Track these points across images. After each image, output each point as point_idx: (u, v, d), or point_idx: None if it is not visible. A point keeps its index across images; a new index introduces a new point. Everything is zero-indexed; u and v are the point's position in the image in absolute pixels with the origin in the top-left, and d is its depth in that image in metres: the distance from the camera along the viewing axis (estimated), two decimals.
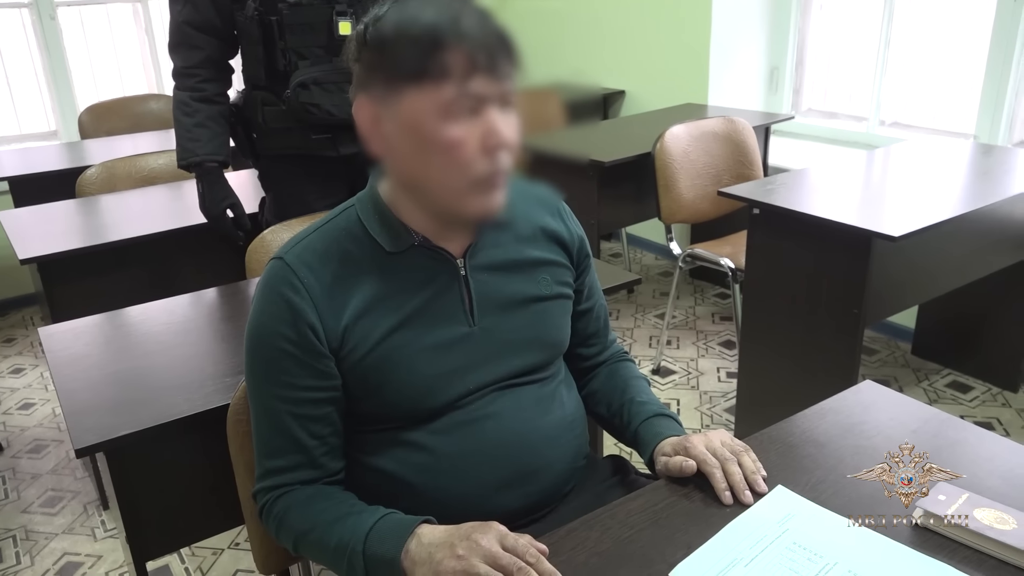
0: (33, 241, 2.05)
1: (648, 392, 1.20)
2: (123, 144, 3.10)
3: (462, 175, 0.92)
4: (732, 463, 0.99)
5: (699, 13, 3.40)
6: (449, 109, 0.89)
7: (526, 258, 1.08)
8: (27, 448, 2.61)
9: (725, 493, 0.97)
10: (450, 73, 0.88)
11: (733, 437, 1.04)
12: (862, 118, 3.34)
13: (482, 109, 0.91)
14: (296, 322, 0.97)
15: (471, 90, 0.89)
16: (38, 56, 3.81)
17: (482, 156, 0.92)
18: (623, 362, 1.25)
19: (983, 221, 2.17)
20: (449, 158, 0.91)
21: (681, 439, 1.05)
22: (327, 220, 1.03)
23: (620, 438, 1.19)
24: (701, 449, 1.01)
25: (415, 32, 0.89)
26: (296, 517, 1.00)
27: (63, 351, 1.44)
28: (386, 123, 0.94)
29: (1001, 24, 2.78)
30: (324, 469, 1.02)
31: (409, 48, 0.89)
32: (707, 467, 0.99)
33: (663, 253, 3.93)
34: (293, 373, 0.98)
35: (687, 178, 2.69)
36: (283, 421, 0.99)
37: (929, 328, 2.88)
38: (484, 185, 0.94)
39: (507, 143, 0.92)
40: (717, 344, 3.09)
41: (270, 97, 1.94)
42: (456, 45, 0.88)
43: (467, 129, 0.91)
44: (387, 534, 0.93)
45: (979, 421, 2.52)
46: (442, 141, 0.90)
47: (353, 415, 1.03)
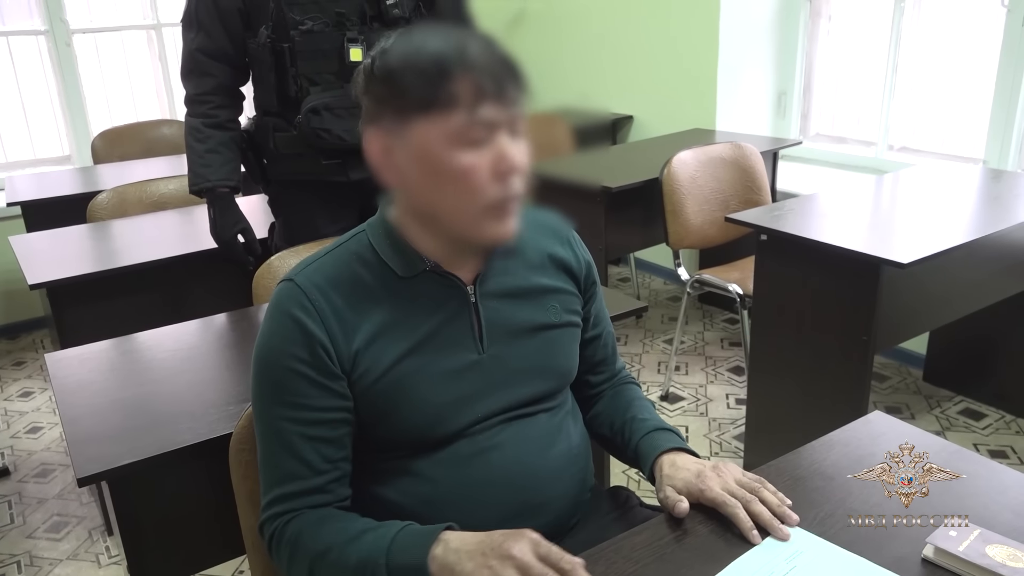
0: (43, 266, 2.07)
1: (651, 411, 1.18)
2: (135, 169, 3.13)
3: (475, 202, 0.93)
4: (755, 503, 0.96)
5: (707, 39, 3.42)
6: (459, 137, 0.90)
7: (535, 286, 1.08)
8: (34, 472, 2.61)
9: (752, 532, 0.93)
10: (458, 101, 0.89)
11: (743, 470, 1.02)
12: (870, 143, 3.34)
13: (492, 136, 0.92)
14: (309, 342, 0.96)
15: (480, 117, 0.90)
16: (53, 82, 3.87)
17: (494, 182, 0.92)
18: (627, 384, 1.24)
19: (994, 247, 2.15)
20: (461, 186, 0.92)
21: (694, 480, 1.01)
22: (338, 244, 1.03)
23: (623, 457, 1.18)
24: (718, 491, 0.98)
25: (421, 63, 0.90)
26: (310, 539, 0.96)
27: (69, 377, 1.44)
28: (398, 154, 0.94)
29: (1009, 48, 2.77)
30: (334, 495, 1.00)
31: (416, 79, 0.90)
32: (728, 509, 0.96)
33: (671, 278, 3.92)
34: (306, 394, 0.97)
35: (695, 203, 2.68)
36: (294, 444, 0.98)
37: (941, 354, 2.85)
38: (497, 211, 0.94)
39: (518, 168, 0.93)
40: (726, 370, 3.07)
41: (281, 123, 1.95)
42: (463, 73, 0.89)
43: (478, 156, 0.91)
44: (410, 543, 0.91)
45: (992, 449, 2.49)
46: (454, 169, 0.91)
47: (359, 442, 1.02)
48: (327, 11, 1.88)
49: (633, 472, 2.44)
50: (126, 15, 4.07)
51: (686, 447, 1.10)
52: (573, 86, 4.07)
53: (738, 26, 3.40)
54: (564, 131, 3.53)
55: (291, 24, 1.86)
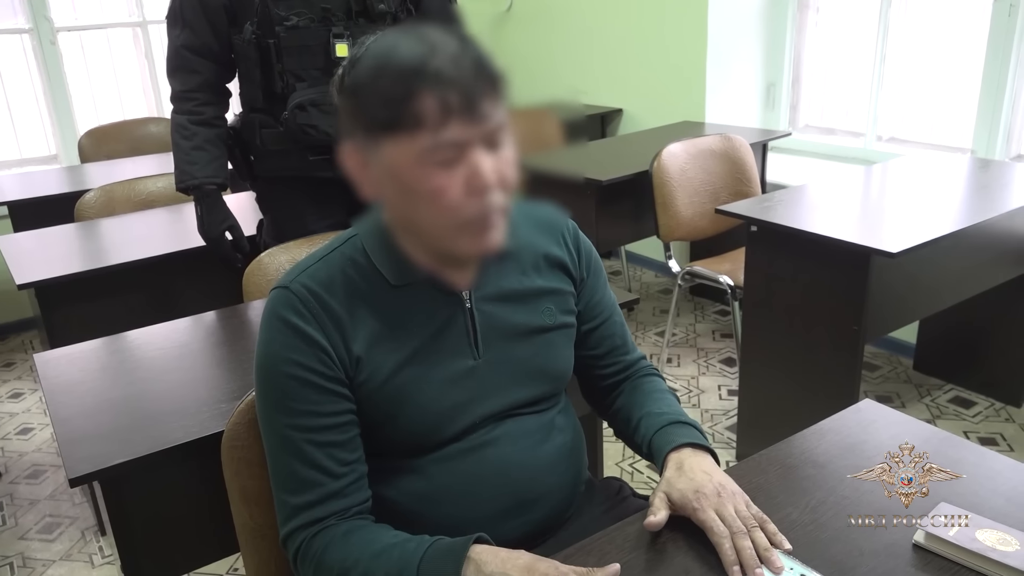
0: (31, 266, 2.05)
1: (668, 403, 1.13)
2: (122, 168, 3.11)
3: (451, 219, 0.89)
4: (743, 537, 0.90)
5: (695, 31, 3.42)
6: (427, 158, 0.86)
7: (529, 288, 1.06)
8: (25, 473, 2.59)
9: (734, 568, 0.88)
10: (423, 122, 0.85)
11: (750, 502, 0.96)
12: (859, 134, 3.35)
13: (463, 154, 0.87)
14: (309, 348, 0.95)
15: (447, 137, 0.85)
16: (39, 81, 3.84)
17: (469, 199, 0.88)
18: (647, 376, 1.19)
19: (982, 236, 2.16)
20: (434, 206, 0.89)
21: (692, 496, 0.95)
22: (330, 249, 1.01)
23: (642, 455, 1.13)
24: (710, 515, 0.93)
25: (384, 80, 0.86)
26: (336, 554, 0.94)
27: (59, 377, 1.43)
28: (373, 168, 0.91)
29: (996, 38, 2.79)
30: (353, 499, 0.97)
31: (379, 99, 0.86)
32: (714, 536, 0.91)
33: (662, 270, 3.92)
34: (312, 400, 0.95)
35: (685, 196, 2.69)
36: (307, 452, 0.96)
37: (931, 343, 2.87)
38: (476, 226, 0.90)
39: (492, 185, 0.88)
40: (718, 361, 3.08)
41: (268, 119, 1.94)
42: (428, 91, 0.84)
43: (448, 176, 0.87)
44: (440, 561, 0.89)
45: (982, 437, 2.51)
46: (424, 190, 0.88)
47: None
48: (313, 7, 1.87)
49: (626, 464, 2.45)
50: (111, 13, 4.03)
51: (702, 442, 1.05)
52: (562, 79, 4.07)
53: (726, 18, 3.40)
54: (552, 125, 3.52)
55: (276, 20, 1.85)
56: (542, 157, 3.13)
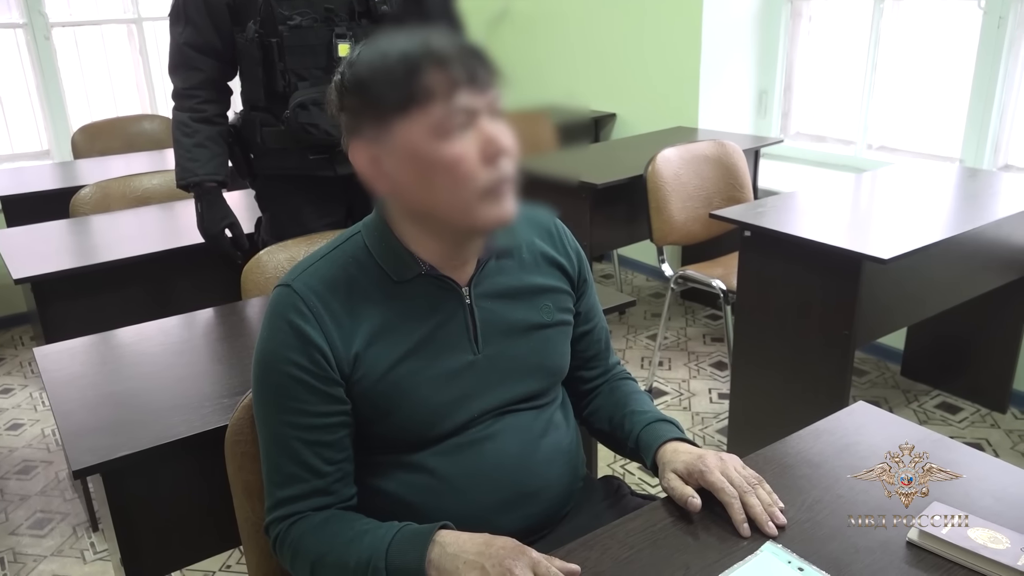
0: (26, 261, 2.05)
1: (649, 404, 1.20)
2: (117, 164, 3.10)
3: (469, 189, 0.93)
4: (751, 494, 0.98)
5: (689, 38, 3.45)
6: (442, 128, 0.91)
7: (529, 285, 1.09)
8: (16, 469, 2.58)
9: (744, 525, 0.95)
10: (434, 94, 0.90)
11: (745, 464, 1.03)
12: (850, 142, 3.39)
13: (474, 121, 0.92)
14: (306, 348, 0.97)
15: (459, 105, 0.91)
16: (32, 76, 3.82)
17: (485, 166, 0.92)
18: (624, 380, 1.25)
19: (970, 244, 2.20)
20: (453, 175, 0.92)
21: (696, 460, 1.03)
22: (333, 247, 1.03)
23: (622, 451, 1.18)
24: (718, 476, 1.00)
25: (390, 65, 0.91)
26: (311, 542, 0.98)
27: (59, 371, 1.43)
28: (385, 161, 0.94)
29: (985, 49, 2.83)
30: (337, 496, 1.01)
31: (388, 81, 0.91)
32: (725, 496, 0.98)
33: (655, 274, 3.95)
34: (304, 400, 0.98)
35: (678, 200, 2.71)
36: (295, 449, 0.99)
37: (918, 349, 2.91)
38: (493, 194, 0.94)
39: (507, 148, 0.93)
40: (709, 365, 3.10)
41: (269, 118, 1.95)
42: (432, 66, 0.90)
43: (464, 143, 0.92)
44: (407, 545, 0.93)
45: (968, 442, 2.54)
46: (443, 160, 0.91)
47: (356, 438, 1.03)
48: (315, 7, 1.88)
49: (619, 464, 2.46)
50: (106, 9, 4.03)
51: (686, 438, 1.12)
52: (557, 84, 4.09)
53: (720, 26, 3.44)
54: (547, 128, 3.54)
55: (279, 19, 1.86)
56: (538, 160, 3.16)
